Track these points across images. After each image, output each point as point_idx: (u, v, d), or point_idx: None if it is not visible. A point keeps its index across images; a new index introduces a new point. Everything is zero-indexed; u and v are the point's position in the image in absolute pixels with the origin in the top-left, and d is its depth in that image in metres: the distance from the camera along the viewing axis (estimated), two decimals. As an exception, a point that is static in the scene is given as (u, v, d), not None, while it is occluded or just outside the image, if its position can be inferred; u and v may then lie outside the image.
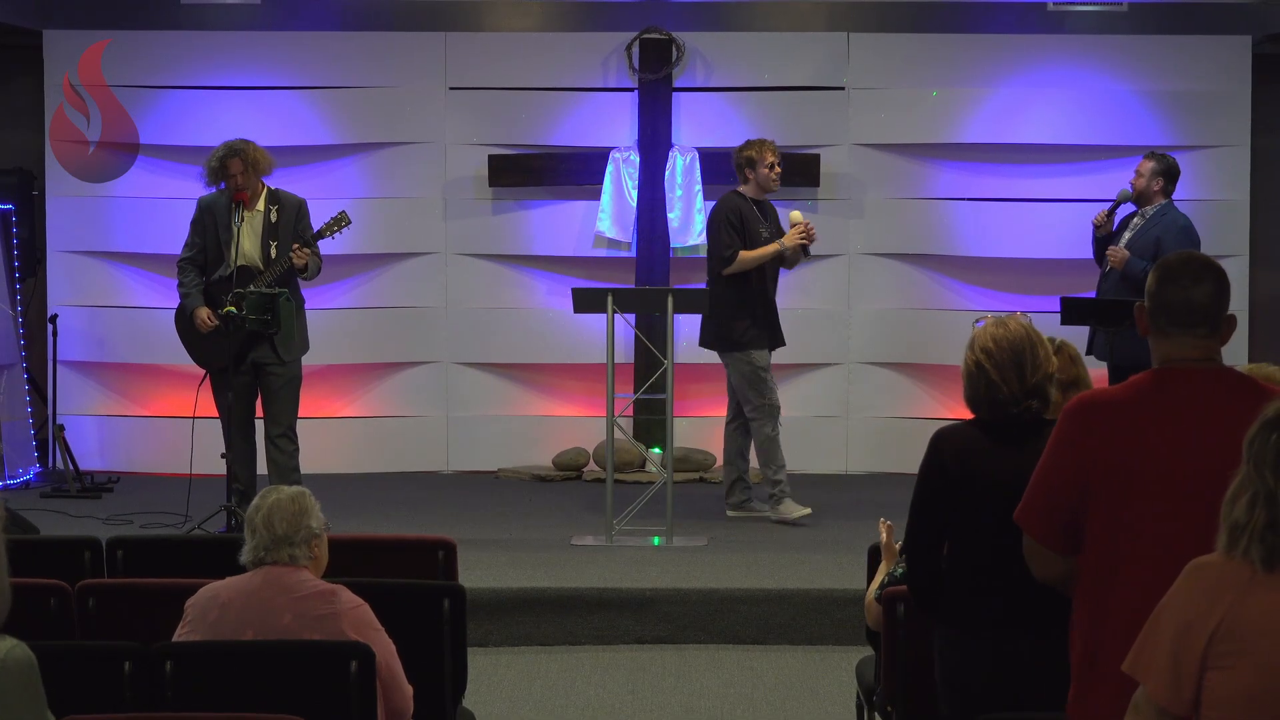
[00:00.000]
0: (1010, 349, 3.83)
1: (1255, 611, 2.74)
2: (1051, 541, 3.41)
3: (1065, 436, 3.37)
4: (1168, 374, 3.36)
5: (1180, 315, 3.34)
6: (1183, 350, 3.36)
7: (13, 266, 10.26)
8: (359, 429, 10.69)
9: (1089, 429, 3.34)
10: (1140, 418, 3.31)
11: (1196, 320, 3.34)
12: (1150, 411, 3.31)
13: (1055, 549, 3.41)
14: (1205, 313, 3.34)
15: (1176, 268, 3.39)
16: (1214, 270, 3.39)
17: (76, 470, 9.77)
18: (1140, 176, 8.64)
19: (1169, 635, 2.80)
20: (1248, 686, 2.74)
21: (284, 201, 8.07)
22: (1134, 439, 3.30)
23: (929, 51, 10.53)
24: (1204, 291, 3.35)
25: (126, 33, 10.55)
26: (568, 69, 10.57)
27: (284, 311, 7.79)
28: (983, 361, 3.84)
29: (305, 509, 4.23)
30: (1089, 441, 3.33)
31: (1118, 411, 3.33)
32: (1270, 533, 2.74)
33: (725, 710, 6.19)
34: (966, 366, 3.88)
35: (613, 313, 8.05)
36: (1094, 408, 3.36)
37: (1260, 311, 10.68)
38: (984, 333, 3.88)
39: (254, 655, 4.03)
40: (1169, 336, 3.37)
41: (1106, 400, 3.37)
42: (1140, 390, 3.36)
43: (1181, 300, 3.34)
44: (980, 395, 3.85)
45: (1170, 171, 8.63)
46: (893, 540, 4.91)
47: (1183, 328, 3.35)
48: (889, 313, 10.60)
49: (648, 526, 8.21)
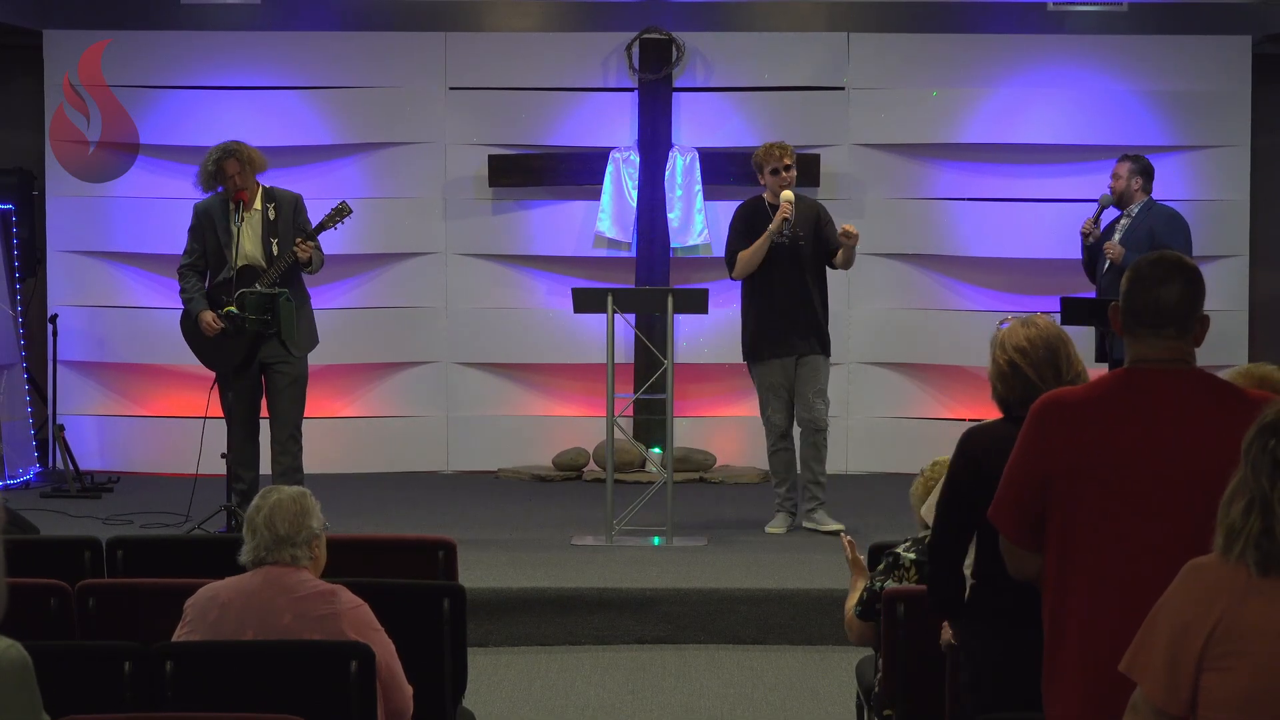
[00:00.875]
0: (1046, 346, 3.84)
1: (1252, 615, 2.74)
2: (1022, 539, 3.42)
3: (1030, 434, 3.39)
4: (1135, 374, 3.36)
5: (1148, 316, 3.34)
6: (1151, 350, 3.35)
7: (13, 266, 10.26)
8: (359, 429, 10.70)
9: (1053, 426, 3.35)
10: (1104, 416, 3.32)
11: (1164, 321, 3.34)
12: (1115, 410, 3.32)
13: (1026, 546, 3.42)
14: (1173, 314, 3.33)
15: (1146, 268, 3.39)
16: (1185, 271, 3.37)
17: (76, 470, 9.77)
18: (1119, 179, 8.72)
19: (1165, 636, 2.80)
20: (1244, 688, 2.74)
21: (280, 198, 8.06)
22: (1096, 436, 3.30)
23: (929, 51, 10.53)
24: (1172, 292, 3.34)
25: (126, 33, 10.56)
26: (568, 69, 10.57)
27: (284, 311, 7.79)
28: (1017, 360, 3.85)
29: (306, 509, 4.23)
30: (1052, 438, 3.34)
31: (1082, 409, 3.34)
32: (1266, 539, 2.75)
33: (725, 710, 6.19)
34: (998, 366, 3.87)
35: (613, 313, 8.05)
36: (1059, 406, 3.37)
37: (1260, 311, 10.68)
38: (1014, 332, 3.88)
39: (254, 655, 4.03)
40: (1138, 337, 3.37)
41: (1072, 399, 3.38)
42: (1106, 389, 3.37)
43: (1150, 301, 3.34)
44: (1016, 394, 3.85)
45: (1147, 170, 8.74)
46: (857, 554, 4.92)
47: (1151, 328, 3.34)
48: (889, 313, 10.61)
49: (648, 526, 8.21)
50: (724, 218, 10.30)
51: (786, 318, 8.19)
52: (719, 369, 10.60)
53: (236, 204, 7.90)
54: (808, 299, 8.21)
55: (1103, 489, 3.28)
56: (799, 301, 8.19)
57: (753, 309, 8.29)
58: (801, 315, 8.20)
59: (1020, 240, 10.50)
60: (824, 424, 8.26)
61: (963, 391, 10.56)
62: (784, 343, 8.20)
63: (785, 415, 8.30)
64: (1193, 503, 3.17)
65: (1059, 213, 10.45)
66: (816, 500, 8.28)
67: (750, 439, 10.51)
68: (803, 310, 8.20)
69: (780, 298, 8.20)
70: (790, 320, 8.19)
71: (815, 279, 8.26)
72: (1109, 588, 3.24)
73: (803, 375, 8.23)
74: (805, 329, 8.21)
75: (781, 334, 8.20)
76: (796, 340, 8.20)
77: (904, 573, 4.72)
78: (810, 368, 8.23)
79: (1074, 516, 3.31)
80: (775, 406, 8.28)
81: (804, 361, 8.23)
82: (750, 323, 8.31)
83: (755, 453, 10.46)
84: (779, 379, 8.25)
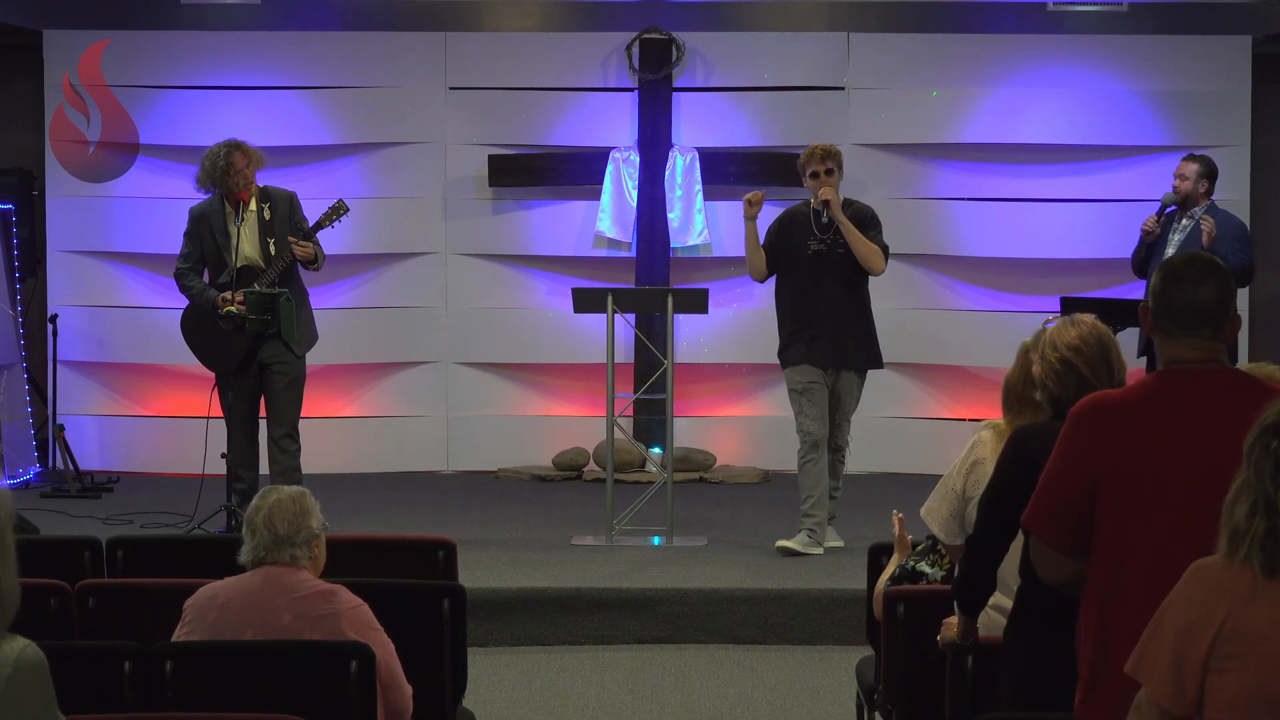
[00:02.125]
0: (1099, 344, 3.85)
1: (1257, 617, 2.74)
2: (1060, 545, 3.40)
3: (1072, 439, 3.37)
4: (1172, 375, 3.37)
5: (1184, 317, 3.35)
6: (1187, 351, 3.37)
7: (13, 266, 10.26)
8: (359, 429, 10.70)
9: (1096, 431, 3.34)
10: (1145, 419, 3.32)
11: (1200, 322, 3.35)
12: (1155, 413, 3.32)
13: (1065, 552, 3.41)
14: (1209, 314, 3.35)
15: (1181, 269, 3.40)
16: (1218, 272, 3.40)
17: (76, 470, 9.77)
18: (1185, 179, 8.53)
19: (1171, 637, 2.80)
20: (1249, 690, 2.74)
21: (274, 197, 8.04)
22: (1139, 440, 3.30)
23: (929, 51, 10.53)
24: (1208, 293, 3.35)
25: (126, 33, 10.55)
26: (568, 69, 10.57)
27: (284, 311, 7.79)
28: (1071, 359, 3.84)
29: (306, 509, 4.23)
30: (1096, 443, 3.33)
31: (1123, 413, 3.34)
32: (1270, 540, 2.75)
33: (725, 710, 6.19)
34: (1050, 365, 3.86)
35: (613, 313, 8.05)
36: (1100, 410, 3.36)
37: (1260, 311, 10.68)
38: (1064, 331, 3.88)
39: (254, 655, 4.03)
40: (1173, 338, 3.38)
41: (1112, 402, 3.38)
42: (1145, 392, 3.37)
43: (1186, 302, 3.35)
44: (1070, 392, 3.84)
45: (1213, 172, 8.60)
46: (904, 532, 4.89)
47: (1186, 329, 3.36)
48: (889, 312, 10.53)
49: (648, 526, 8.21)
50: (724, 218, 10.36)
51: (829, 327, 7.73)
52: (719, 369, 10.60)
53: (236, 204, 7.89)
54: (849, 308, 7.77)
55: (1149, 492, 3.28)
56: (840, 310, 7.75)
57: (792, 317, 7.80)
58: (843, 324, 7.75)
59: (1021, 240, 10.50)
60: (845, 444, 7.93)
61: (963, 392, 10.56)
62: (826, 353, 7.74)
63: (820, 423, 7.75)
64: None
65: (1059, 213, 10.45)
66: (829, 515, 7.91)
67: (750, 439, 10.52)
68: (844, 319, 7.76)
69: (820, 307, 7.73)
70: (832, 330, 7.74)
71: (857, 286, 7.81)
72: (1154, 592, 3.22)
73: (839, 393, 7.81)
74: (844, 340, 7.76)
75: (823, 343, 7.73)
76: (834, 352, 7.75)
77: (939, 558, 4.71)
78: (848, 386, 7.82)
79: (1122, 521, 3.30)
80: (809, 412, 7.75)
81: (843, 377, 7.80)
82: (791, 331, 7.81)
83: (755, 453, 10.47)
84: (816, 383, 7.75)
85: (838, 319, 7.75)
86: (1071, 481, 3.37)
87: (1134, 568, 3.29)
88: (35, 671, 2.76)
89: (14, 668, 2.72)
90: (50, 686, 2.79)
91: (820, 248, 7.77)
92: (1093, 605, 3.37)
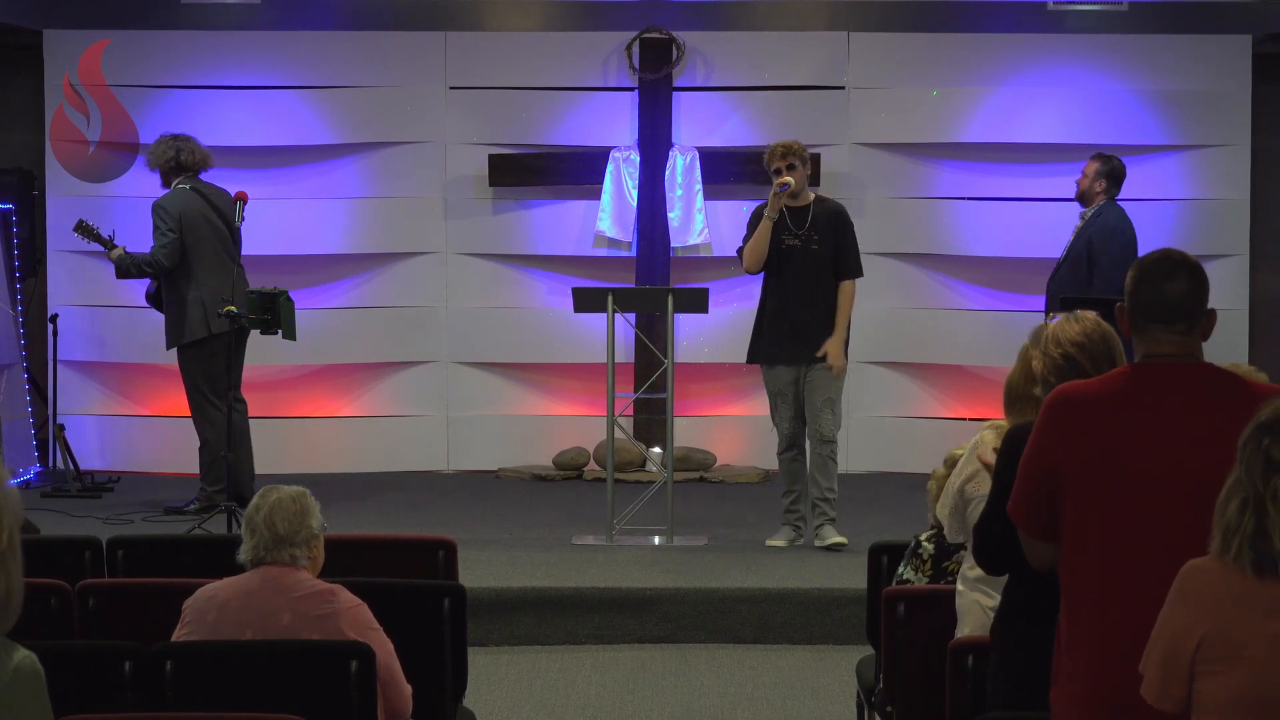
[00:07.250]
0: (1103, 340, 3.84)
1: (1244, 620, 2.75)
2: (1039, 532, 3.43)
3: (1043, 428, 3.40)
4: (1145, 368, 3.38)
5: (1156, 311, 3.37)
6: (1160, 346, 3.38)
7: (13, 266, 10.26)
8: (359, 429, 10.69)
9: (1065, 420, 3.36)
10: (1116, 410, 3.33)
11: (1172, 316, 3.36)
12: (1126, 404, 3.34)
13: (1042, 538, 3.44)
14: (1181, 308, 3.36)
15: (1150, 265, 3.43)
16: (1189, 266, 3.40)
17: (77, 470, 9.77)
18: (1085, 177, 8.69)
19: (1162, 639, 2.83)
20: (1237, 692, 2.76)
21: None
22: (1109, 431, 3.32)
23: (929, 51, 10.53)
24: (1178, 287, 3.36)
25: (126, 33, 10.55)
26: (568, 69, 10.57)
27: (284, 309, 7.82)
28: (1075, 354, 3.83)
29: (306, 509, 4.23)
30: (1065, 433, 3.35)
31: (1093, 404, 3.36)
32: (1260, 539, 2.76)
33: (725, 710, 6.19)
34: (1053, 361, 3.84)
35: (613, 312, 8.05)
36: (1070, 400, 3.38)
37: (1260, 311, 10.68)
38: (1068, 327, 3.86)
39: (254, 655, 4.03)
40: (1146, 333, 3.39)
41: (1081, 393, 3.39)
42: (1117, 383, 3.39)
43: (1157, 296, 3.37)
44: None
45: (1114, 173, 8.67)
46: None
47: (1160, 324, 3.37)
48: (889, 312, 10.59)
49: (648, 526, 8.21)
50: (724, 217, 10.36)
51: (796, 323, 7.80)
52: (719, 368, 10.59)
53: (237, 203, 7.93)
54: (818, 304, 7.80)
55: (1112, 483, 3.29)
56: (809, 306, 7.80)
57: (764, 311, 7.90)
58: (812, 321, 7.80)
59: (1021, 240, 10.49)
60: (831, 435, 7.83)
61: (963, 391, 10.56)
62: (792, 349, 7.80)
63: (794, 423, 7.89)
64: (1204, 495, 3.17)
65: (1059, 212, 10.40)
66: (825, 517, 7.86)
67: (751, 438, 10.51)
68: (813, 316, 7.80)
69: (791, 301, 7.81)
70: (800, 325, 7.80)
71: (828, 284, 7.84)
72: (1120, 581, 3.25)
73: (811, 384, 7.81)
74: (816, 336, 7.79)
75: (790, 339, 7.80)
76: (806, 347, 7.79)
77: (920, 563, 4.70)
78: (819, 377, 7.80)
79: (1085, 511, 3.32)
80: (783, 413, 7.88)
81: (813, 370, 7.81)
82: (761, 325, 7.92)
83: (755, 452, 10.46)
84: (786, 385, 7.85)
85: (808, 315, 7.82)
86: (1040, 471, 3.39)
87: (1096, 555, 3.31)
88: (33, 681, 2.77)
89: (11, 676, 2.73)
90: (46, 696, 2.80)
91: (795, 243, 7.87)
92: (1062, 595, 3.39)
